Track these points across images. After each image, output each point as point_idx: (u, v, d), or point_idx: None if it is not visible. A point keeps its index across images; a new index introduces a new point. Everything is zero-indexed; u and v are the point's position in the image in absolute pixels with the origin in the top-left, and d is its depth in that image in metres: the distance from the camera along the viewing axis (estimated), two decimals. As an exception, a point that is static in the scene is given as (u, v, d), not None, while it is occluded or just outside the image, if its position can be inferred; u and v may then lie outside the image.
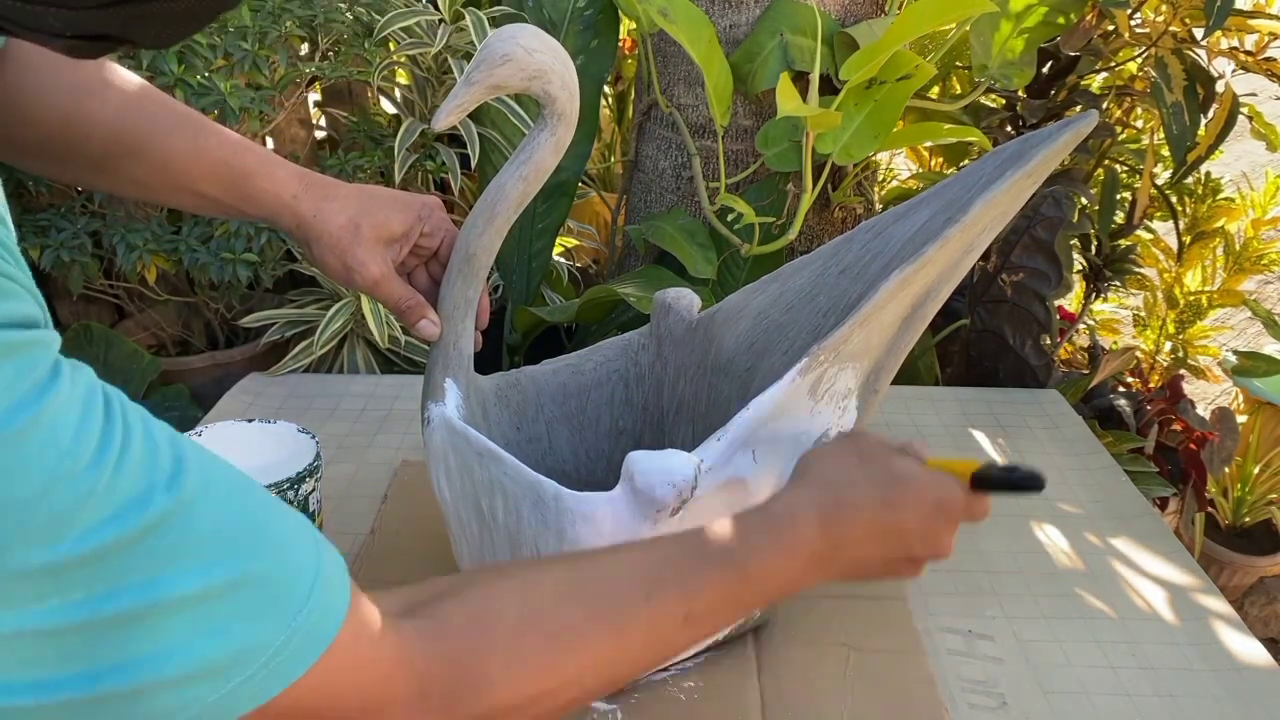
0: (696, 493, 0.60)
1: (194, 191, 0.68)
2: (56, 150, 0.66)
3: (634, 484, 0.60)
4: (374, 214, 0.68)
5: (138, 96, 0.68)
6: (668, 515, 0.60)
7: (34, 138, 0.65)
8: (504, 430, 0.79)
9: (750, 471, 0.64)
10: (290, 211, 0.68)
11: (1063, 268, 1.21)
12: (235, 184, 0.68)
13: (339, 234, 0.68)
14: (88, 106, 0.65)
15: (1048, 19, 1.32)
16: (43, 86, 0.64)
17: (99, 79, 0.67)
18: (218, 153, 0.68)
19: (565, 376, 0.80)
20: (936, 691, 0.72)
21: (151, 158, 0.67)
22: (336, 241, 0.68)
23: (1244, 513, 1.69)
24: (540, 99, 0.64)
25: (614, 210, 1.61)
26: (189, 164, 0.68)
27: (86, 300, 1.44)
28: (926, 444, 0.62)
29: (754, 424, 0.63)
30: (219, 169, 0.68)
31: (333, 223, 0.68)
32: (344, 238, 0.68)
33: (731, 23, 1.34)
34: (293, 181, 0.69)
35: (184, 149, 0.67)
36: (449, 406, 0.69)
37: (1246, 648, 0.77)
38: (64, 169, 0.69)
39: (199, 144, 0.68)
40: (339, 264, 0.68)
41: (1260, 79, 1.39)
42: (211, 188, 0.68)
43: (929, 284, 0.67)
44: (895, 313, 0.67)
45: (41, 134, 0.65)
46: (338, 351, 1.31)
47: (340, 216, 0.68)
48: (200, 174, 0.68)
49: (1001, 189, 0.63)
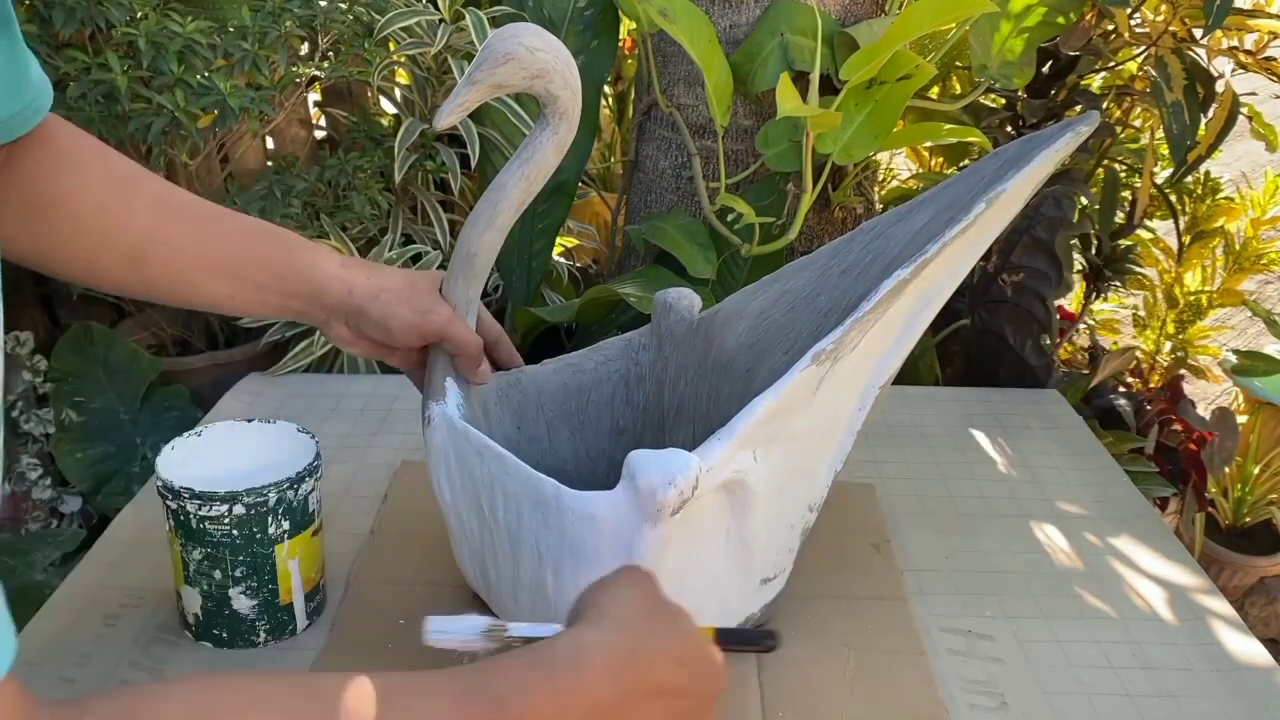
0: (697, 493, 0.60)
1: (233, 276, 0.69)
2: (91, 244, 0.67)
3: (635, 483, 0.60)
4: (425, 277, 0.72)
5: (170, 190, 0.70)
6: (668, 515, 0.60)
7: (70, 231, 0.66)
8: (505, 430, 0.79)
9: (750, 472, 0.64)
10: (340, 280, 0.70)
11: (1063, 268, 1.21)
12: (280, 262, 0.70)
13: (400, 288, 0.71)
14: (126, 198, 0.67)
15: (1047, 19, 1.32)
16: (81, 178, 0.66)
17: (134, 172, 0.69)
18: (258, 236, 0.70)
19: (566, 376, 0.80)
20: (936, 692, 0.72)
21: (189, 247, 0.68)
22: (399, 294, 0.70)
23: (1244, 513, 1.69)
24: (542, 98, 0.64)
25: (614, 210, 1.61)
26: (230, 248, 0.69)
27: (86, 300, 1.44)
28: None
29: (755, 424, 0.63)
30: (260, 250, 0.70)
31: (392, 280, 0.71)
32: (405, 289, 0.71)
33: (731, 23, 1.34)
34: (335, 256, 0.71)
35: (223, 232, 0.69)
36: (450, 405, 0.69)
37: (1246, 648, 0.77)
38: (98, 262, 0.68)
39: (237, 228, 0.70)
40: (408, 311, 0.70)
41: (1260, 78, 1.39)
42: (255, 271, 0.69)
43: (931, 284, 0.67)
44: (898, 313, 0.67)
45: (77, 226, 0.66)
46: (338, 351, 1.31)
47: (395, 278, 0.71)
48: (242, 257, 0.69)
49: (1003, 190, 0.63)
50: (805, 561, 0.85)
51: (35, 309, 1.43)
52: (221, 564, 0.71)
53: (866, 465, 1.00)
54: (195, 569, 0.71)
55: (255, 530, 0.70)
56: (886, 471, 0.99)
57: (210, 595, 0.72)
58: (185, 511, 0.69)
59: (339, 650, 0.74)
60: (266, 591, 0.73)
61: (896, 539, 0.89)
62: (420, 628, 0.53)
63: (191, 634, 0.75)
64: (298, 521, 0.72)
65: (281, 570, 0.72)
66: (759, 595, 0.72)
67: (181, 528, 0.70)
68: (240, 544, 0.70)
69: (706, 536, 0.66)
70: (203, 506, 0.69)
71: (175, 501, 0.69)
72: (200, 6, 1.27)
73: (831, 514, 0.91)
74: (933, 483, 0.98)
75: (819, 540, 0.87)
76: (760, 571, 0.71)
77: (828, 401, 0.67)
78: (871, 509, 0.92)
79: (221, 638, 0.74)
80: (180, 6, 1.25)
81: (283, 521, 0.71)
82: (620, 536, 0.62)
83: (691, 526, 0.63)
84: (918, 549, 0.88)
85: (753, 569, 0.70)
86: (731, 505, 0.65)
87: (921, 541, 0.89)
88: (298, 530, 0.73)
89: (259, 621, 0.73)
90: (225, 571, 0.71)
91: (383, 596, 0.79)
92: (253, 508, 0.69)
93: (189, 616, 0.74)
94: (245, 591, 0.72)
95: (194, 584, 0.72)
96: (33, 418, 1.30)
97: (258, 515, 0.70)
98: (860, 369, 0.68)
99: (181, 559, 0.72)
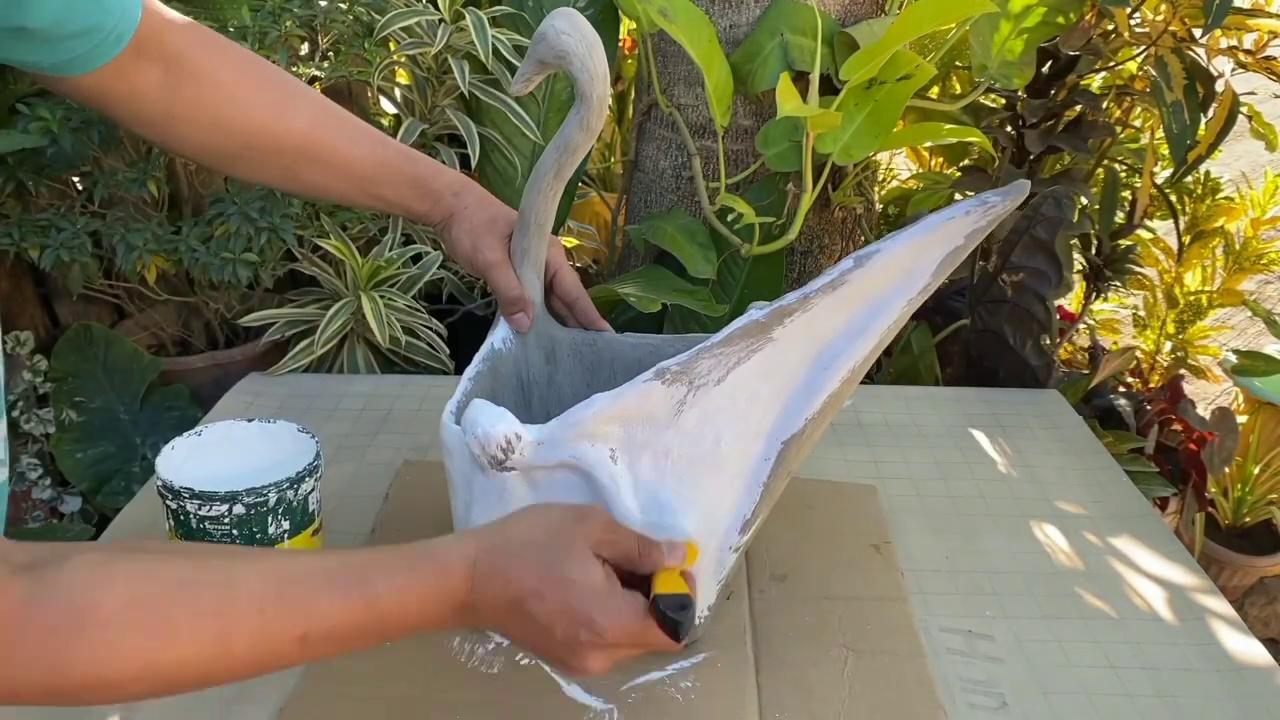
0: (519, 461, 0.65)
1: (373, 195, 0.82)
2: (254, 158, 0.78)
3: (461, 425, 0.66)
4: (510, 217, 0.81)
5: (325, 110, 0.81)
6: (487, 465, 0.65)
7: (234, 147, 0.77)
8: (573, 382, 0.84)
9: (600, 465, 0.66)
10: (447, 205, 0.82)
11: (1063, 268, 1.21)
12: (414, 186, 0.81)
13: (480, 222, 0.81)
14: (283, 120, 0.78)
15: (1047, 19, 1.32)
16: (240, 101, 0.76)
17: (290, 93, 0.79)
18: (395, 161, 0.81)
19: (643, 352, 0.82)
20: (935, 693, 0.72)
21: (338, 165, 0.80)
22: (474, 227, 0.80)
23: (1244, 513, 1.69)
24: (570, 79, 0.69)
25: (614, 210, 1.61)
26: (371, 170, 0.80)
27: (86, 300, 1.44)
28: (684, 548, 0.61)
29: (592, 419, 0.65)
30: (396, 175, 0.81)
31: (479, 214, 0.81)
32: (481, 225, 0.80)
33: (731, 23, 1.34)
34: (456, 182, 0.83)
35: (366, 156, 0.80)
36: (497, 337, 0.80)
37: (1246, 648, 0.77)
38: (262, 173, 0.81)
39: (378, 153, 0.81)
40: (469, 243, 0.80)
41: (1260, 78, 1.39)
42: (391, 191, 0.82)
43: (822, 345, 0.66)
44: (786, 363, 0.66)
45: (239, 142, 0.77)
46: (338, 351, 1.31)
47: (485, 213, 0.81)
48: (381, 179, 0.81)
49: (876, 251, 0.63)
50: (805, 562, 0.85)
51: (35, 309, 1.43)
52: (221, 564, 0.71)
53: (866, 465, 1.00)
54: (195, 569, 0.71)
55: (255, 530, 0.70)
56: (886, 471, 0.99)
57: (210, 595, 0.72)
58: (185, 511, 0.69)
59: (339, 650, 0.74)
60: (266, 591, 0.73)
61: (896, 539, 0.89)
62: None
63: (191, 634, 0.75)
64: (298, 521, 0.72)
65: (281, 570, 0.72)
66: None
67: (181, 528, 0.70)
68: (240, 544, 0.70)
69: None
70: (203, 506, 0.69)
71: (175, 501, 0.69)
72: (200, 6, 1.27)
73: (831, 514, 0.91)
74: (933, 483, 0.98)
75: (819, 541, 0.88)
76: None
77: (700, 432, 0.66)
78: (872, 509, 0.92)
79: (221, 638, 0.73)
80: (180, 6, 1.25)
81: (283, 521, 0.71)
82: (463, 473, 0.68)
83: (542, 496, 0.67)
84: (918, 549, 0.88)
85: None
86: (591, 494, 0.67)
87: (921, 542, 0.89)
88: (298, 530, 0.73)
89: (259, 621, 0.73)
90: (225, 571, 0.71)
91: (383, 596, 0.79)
92: (253, 508, 0.69)
93: (189, 616, 0.74)
94: (245, 591, 0.72)
95: (194, 584, 0.72)
96: (33, 418, 1.29)
97: (258, 515, 0.70)
98: (747, 412, 0.67)
99: (181, 559, 0.72)
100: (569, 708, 0.69)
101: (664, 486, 0.67)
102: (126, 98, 0.72)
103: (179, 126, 0.75)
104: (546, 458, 0.66)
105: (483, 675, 0.72)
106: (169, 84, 0.73)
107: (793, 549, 0.86)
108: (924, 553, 0.87)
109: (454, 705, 0.69)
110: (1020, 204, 0.64)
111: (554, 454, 0.66)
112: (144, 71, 0.72)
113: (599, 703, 0.69)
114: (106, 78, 0.69)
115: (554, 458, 0.66)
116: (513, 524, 0.59)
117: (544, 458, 0.66)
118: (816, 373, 0.67)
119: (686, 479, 0.67)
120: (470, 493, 0.69)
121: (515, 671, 0.72)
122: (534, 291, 0.81)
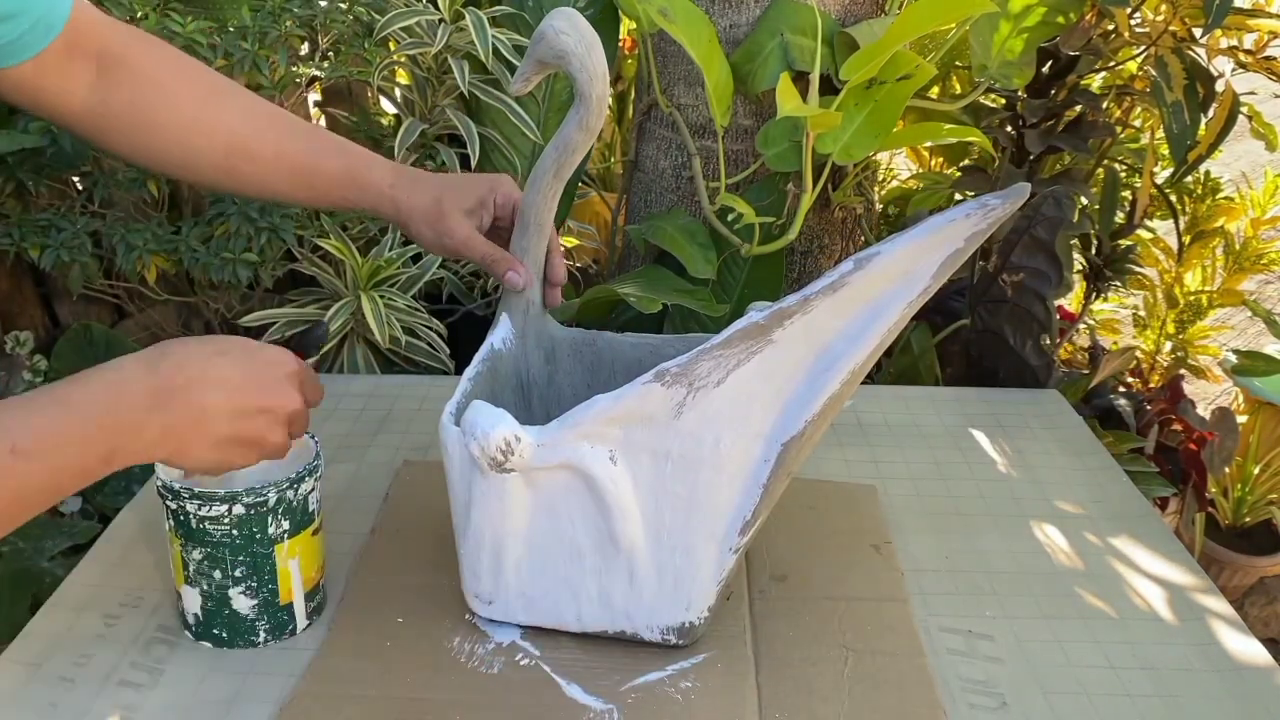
0: (518, 463, 0.65)
1: (309, 187, 0.81)
2: (183, 155, 0.78)
3: (462, 427, 0.66)
4: (452, 190, 0.81)
5: (257, 105, 0.80)
6: (486, 467, 0.66)
7: (162, 143, 0.77)
8: (573, 382, 0.85)
9: (598, 465, 0.66)
10: (389, 200, 0.81)
11: (1063, 268, 1.21)
12: (347, 178, 0.81)
13: (427, 209, 0.80)
14: (210, 112, 0.78)
15: (1047, 19, 1.32)
16: (169, 96, 0.76)
17: (221, 90, 0.79)
18: (331, 154, 0.81)
19: (642, 352, 0.83)
20: (935, 693, 0.72)
21: (269, 158, 0.79)
22: (425, 215, 0.80)
23: (1244, 513, 1.69)
24: (569, 78, 0.69)
25: (614, 210, 1.61)
26: (307, 162, 0.80)
27: (86, 300, 1.44)
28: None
29: (591, 420, 0.66)
30: (331, 167, 0.81)
31: (421, 202, 0.80)
32: (431, 211, 0.80)
33: (731, 23, 1.34)
34: (389, 174, 0.82)
35: (301, 149, 0.80)
36: (497, 337, 0.80)
37: (1246, 648, 0.77)
38: (193, 170, 0.80)
39: (312, 145, 0.81)
40: (431, 233, 0.80)
41: (1260, 78, 1.39)
42: (327, 185, 0.81)
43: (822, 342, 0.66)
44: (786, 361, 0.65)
45: (169, 138, 0.77)
46: (338, 351, 1.31)
47: (425, 197, 0.80)
48: (317, 170, 0.80)
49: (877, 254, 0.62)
50: (805, 562, 0.85)
51: (35, 309, 1.43)
52: (221, 564, 0.71)
53: (867, 465, 1.00)
54: (195, 569, 0.71)
55: (255, 530, 0.70)
56: (886, 472, 0.99)
57: (210, 595, 0.72)
58: (185, 511, 0.69)
59: (339, 650, 0.74)
60: (266, 591, 0.73)
61: (896, 539, 0.89)
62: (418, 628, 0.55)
63: (191, 634, 0.75)
64: (298, 521, 0.72)
65: (281, 570, 0.72)
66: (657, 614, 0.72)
67: (181, 528, 0.70)
68: (240, 544, 0.70)
69: (569, 518, 0.70)
70: (202, 506, 0.69)
71: (175, 501, 0.69)
72: (200, 6, 1.27)
73: (832, 514, 0.91)
74: (933, 483, 0.98)
75: (819, 541, 0.88)
76: (649, 587, 0.71)
77: (700, 434, 0.66)
78: (872, 510, 0.92)
79: (221, 637, 0.74)
80: (180, 6, 1.25)
81: (283, 521, 0.71)
82: (463, 474, 0.69)
83: (542, 497, 0.68)
84: (918, 549, 0.88)
85: (638, 580, 0.71)
86: (591, 496, 0.68)
87: (921, 542, 0.89)
88: (298, 530, 0.73)
89: (259, 621, 0.74)
90: (225, 571, 0.71)
91: (383, 596, 0.79)
92: (252, 508, 0.69)
93: (189, 616, 0.74)
94: (245, 591, 0.72)
95: (194, 584, 0.72)
96: (33, 418, 1.30)
97: (257, 515, 0.70)
98: (746, 414, 0.67)
99: (181, 559, 0.72)
100: (569, 708, 0.69)
101: (664, 488, 0.67)
102: (59, 95, 0.73)
103: (113, 125, 0.76)
104: (546, 459, 0.66)
105: (483, 675, 0.72)
106: (102, 84, 0.74)
107: (793, 549, 0.86)
108: (924, 553, 0.87)
109: (454, 705, 0.69)
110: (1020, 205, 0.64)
111: (553, 455, 0.66)
112: (77, 70, 0.73)
113: (599, 703, 0.69)
114: (39, 73, 0.70)
115: (554, 459, 0.66)
116: (179, 346, 0.65)
117: (543, 459, 0.66)
118: (816, 375, 0.66)
119: (686, 480, 0.67)
120: (470, 494, 0.69)
121: (515, 671, 0.72)
122: (533, 291, 0.81)
